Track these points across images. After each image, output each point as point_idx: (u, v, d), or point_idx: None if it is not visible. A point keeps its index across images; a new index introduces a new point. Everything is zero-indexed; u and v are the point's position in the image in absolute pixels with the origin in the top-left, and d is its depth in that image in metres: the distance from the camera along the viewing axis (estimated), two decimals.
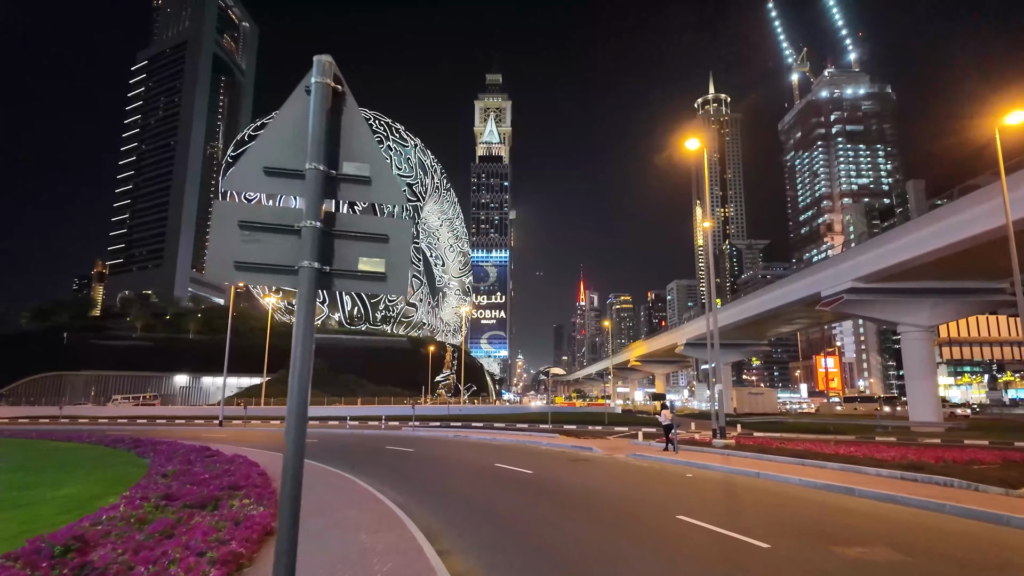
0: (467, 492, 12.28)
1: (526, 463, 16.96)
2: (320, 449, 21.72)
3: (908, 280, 33.04)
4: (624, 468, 16.26)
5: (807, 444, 19.73)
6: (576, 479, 13.89)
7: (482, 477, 14.49)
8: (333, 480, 12.66)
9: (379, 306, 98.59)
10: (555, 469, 15.80)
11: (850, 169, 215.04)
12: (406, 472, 15.52)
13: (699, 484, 13.24)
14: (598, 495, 11.84)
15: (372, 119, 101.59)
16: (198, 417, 47.63)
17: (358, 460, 18.01)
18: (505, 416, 46.51)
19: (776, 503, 10.95)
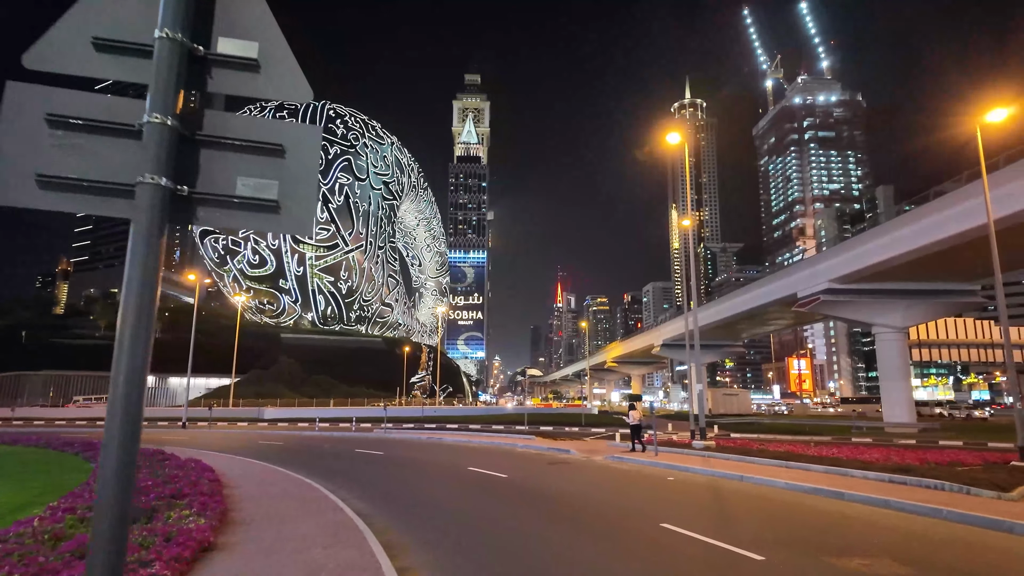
0: (437, 498, 11.43)
1: (501, 466, 16.18)
2: (284, 452, 20.68)
3: (882, 281, 33.12)
4: (603, 471, 15.60)
5: (787, 446, 19.35)
6: (554, 483, 13.24)
7: (454, 481, 13.66)
8: (292, 487, 11.71)
9: (353, 306, 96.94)
10: (532, 472, 15.06)
11: (822, 174, 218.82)
12: (372, 477, 14.58)
13: (682, 488, 12.67)
14: (578, 500, 11.11)
15: (348, 115, 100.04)
16: (162, 419, 45.89)
17: (323, 464, 17.02)
18: (481, 417, 45.68)
19: (765, 509, 10.37)
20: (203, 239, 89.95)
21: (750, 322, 51.33)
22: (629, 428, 21.39)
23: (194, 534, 6.41)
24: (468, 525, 8.86)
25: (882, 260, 30.19)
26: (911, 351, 54.86)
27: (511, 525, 8.91)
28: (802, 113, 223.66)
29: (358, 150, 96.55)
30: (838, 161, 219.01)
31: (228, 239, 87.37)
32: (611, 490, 12.47)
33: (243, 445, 23.81)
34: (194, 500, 8.11)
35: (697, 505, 10.83)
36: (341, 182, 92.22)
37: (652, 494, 11.98)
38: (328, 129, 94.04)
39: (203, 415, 48.45)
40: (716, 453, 18.03)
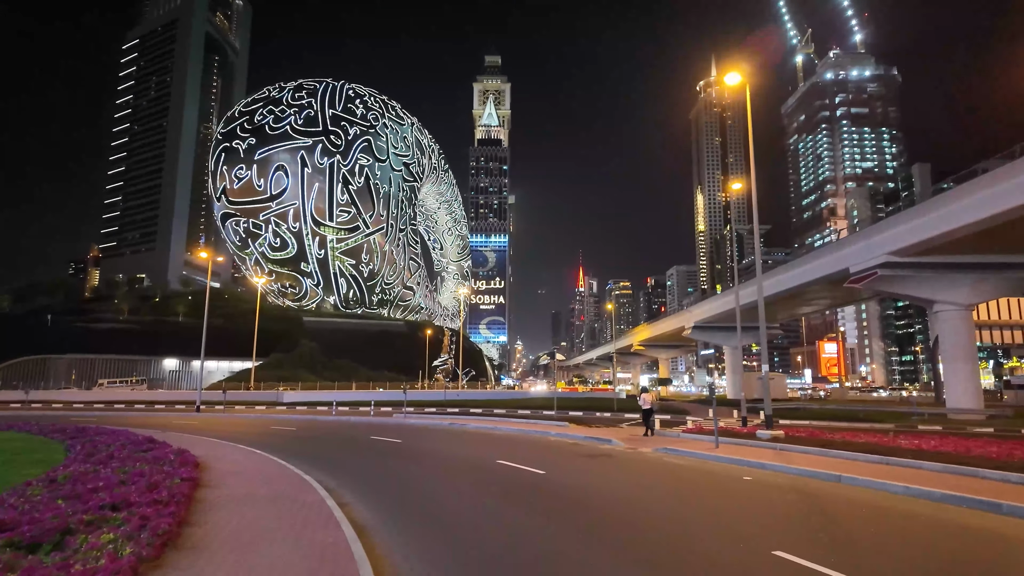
0: (464, 508, 9.06)
1: (535, 459, 13.93)
2: (293, 440, 18.79)
3: (948, 254, 29.96)
4: (658, 468, 13.09)
5: (863, 435, 16.61)
6: (602, 485, 10.84)
7: (482, 481, 11.42)
8: (286, 487, 9.58)
9: (375, 289, 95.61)
10: (572, 469, 12.79)
11: (854, 153, 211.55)
12: (385, 474, 12.49)
13: (769, 494, 10.01)
14: (642, 513, 8.54)
15: (367, 95, 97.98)
16: (180, 402, 44.82)
17: (331, 455, 14.99)
18: (505, 402, 43.69)
19: (902, 528, 7.75)
20: (224, 222, 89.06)
21: (790, 302, 48.21)
22: (642, 412, 20.86)
23: (106, 570, 4.35)
24: (503, 551, 6.58)
25: (955, 228, 26.85)
26: None
27: (558, 549, 6.58)
28: (834, 89, 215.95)
29: (378, 131, 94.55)
30: (871, 138, 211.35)
31: (249, 222, 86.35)
32: (679, 496, 10.06)
33: (252, 431, 22.09)
34: (136, 513, 6.02)
35: (800, 519, 8.19)
36: (361, 163, 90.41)
37: (735, 504, 9.37)
38: (347, 109, 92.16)
39: (220, 398, 47.33)
40: (790, 445, 15.38)
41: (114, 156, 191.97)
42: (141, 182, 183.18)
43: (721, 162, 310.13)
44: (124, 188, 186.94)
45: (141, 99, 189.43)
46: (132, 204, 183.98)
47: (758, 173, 19.95)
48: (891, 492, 10.02)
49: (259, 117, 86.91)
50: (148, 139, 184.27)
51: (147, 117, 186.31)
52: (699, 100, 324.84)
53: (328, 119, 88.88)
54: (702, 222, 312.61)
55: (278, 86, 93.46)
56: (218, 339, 78.66)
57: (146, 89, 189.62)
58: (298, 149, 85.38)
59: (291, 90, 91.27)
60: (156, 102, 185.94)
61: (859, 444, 14.38)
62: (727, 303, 56.84)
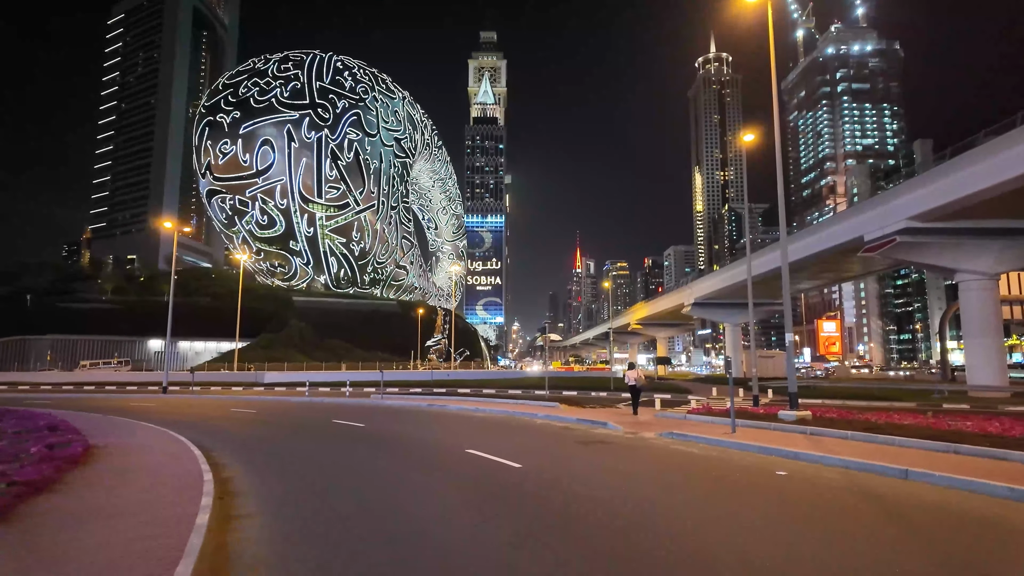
0: (409, 518, 6.30)
1: (514, 447, 11.87)
2: (240, 424, 16.75)
3: (972, 218, 27.82)
4: (665, 458, 10.67)
5: (899, 416, 14.28)
6: (598, 485, 8.09)
7: (436, 480, 8.61)
8: (159, 501, 6.88)
9: (367, 268, 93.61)
10: (558, 459, 10.40)
11: (855, 129, 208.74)
12: (323, 468, 9.58)
13: (828, 500, 7.26)
14: (666, 539, 5.59)
15: (356, 67, 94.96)
16: (153, 383, 42.98)
17: (273, 443, 12.80)
18: (496, 381, 41.97)
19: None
20: (210, 199, 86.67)
21: (797, 275, 46.27)
22: (629, 389, 19.12)
23: None
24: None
25: (998, 183, 24.24)
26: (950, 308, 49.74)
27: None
28: (834, 64, 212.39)
29: (367, 104, 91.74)
30: (872, 115, 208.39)
31: (236, 199, 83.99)
32: (703, 500, 7.21)
33: (203, 414, 20.27)
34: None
35: (884, 541, 5.67)
36: (350, 138, 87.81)
37: (782, 513, 6.55)
38: (335, 81, 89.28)
39: (203, 380, 45.64)
40: (822, 429, 12.95)
41: (102, 135, 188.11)
42: (130, 161, 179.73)
43: (720, 140, 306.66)
44: (113, 168, 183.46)
45: (128, 76, 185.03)
46: (121, 184, 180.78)
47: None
48: (994, 496, 7.56)
49: (244, 90, 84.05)
50: (136, 117, 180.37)
51: (135, 95, 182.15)
52: (698, 77, 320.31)
53: (315, 92, 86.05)
54: (700, 202, 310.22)
55: (263, 58, 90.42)
56: (206, 319, 77.10)
57: (133, 66, 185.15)
58: (284, 123, 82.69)
59: (277, 62, 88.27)
60: (143, 79, 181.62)
61: (909, 428, 11.96)
62: (731, 277, 55.00)
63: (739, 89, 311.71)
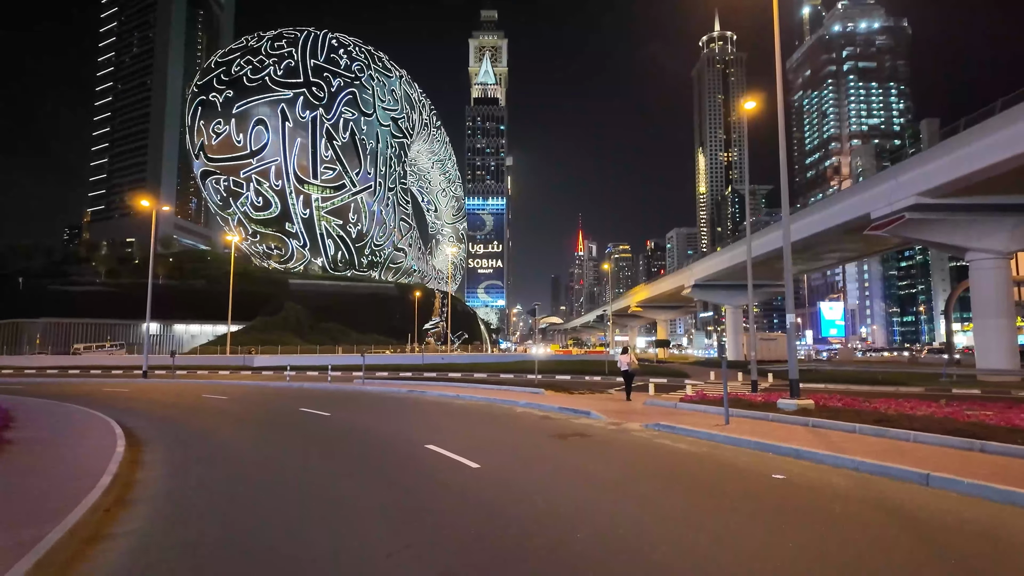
0: (300, 548, 4.85)
1: (480, 442, 10.66)
2: (204, 413, 15.63)
3: (986, 194, 26.50)
4: (648, 455, 9.35)
5: (909, 404, 12.82)
6: (562, 488, 6.94)
7: (375, 486, 7.20)
8: None
9: (364, 250, 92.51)
10: (526, 458, 9.10)
11: (860, 109, 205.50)
12: (245, 473, 8.15)
13: (829, 511, 5.99)
14: (625, 571, 4.36)
15: (352, 45, 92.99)
16: (138, 367, 42.18)
17: (223, 436, 11.65)
18: (490, 365, 41.05)
19: None
20: (204, 180, 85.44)
21: (800, 256, 45.09)
22: (622, 373, 18.38)
23: None
24: None
25: (1013, 155, 22.86)
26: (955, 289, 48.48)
27: None
28: (841, 42, 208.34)
29: (363, 83, 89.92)
30: (879, 94, 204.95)
31: (230, 180, 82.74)
32: (681, 518, 5.71)
33: (169, 401, 19.30)
34: None
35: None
36: (346, 117, 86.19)
37: (781, 535, 5.21)
38: (330, 59, 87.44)
39: (193, 363, 44.83)
40: (826, 420, 11.54)
41: (98, 117, 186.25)
42: (127, 143, 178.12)
43: (723, 121, 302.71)
44: (110, 150, 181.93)
45: (124, 56, 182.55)
46: (119, 166, 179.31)
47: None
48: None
49: (236, 68, 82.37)
50: (132, 98, 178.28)
51: (130, 75, 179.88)
52: (701, 56, 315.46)
53: (310, 69, 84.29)
54: (703, 183, 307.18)
55: (256, 35, 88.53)
56: (201, 302, 76.19)
57: (128, 46, 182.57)
58: (278, 102, 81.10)
59: (270, 39, 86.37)
60: (138, 59, 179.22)
61: (924, 419, 10.51)
62: (732, 258, 53.80)
63: (743, 68, 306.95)
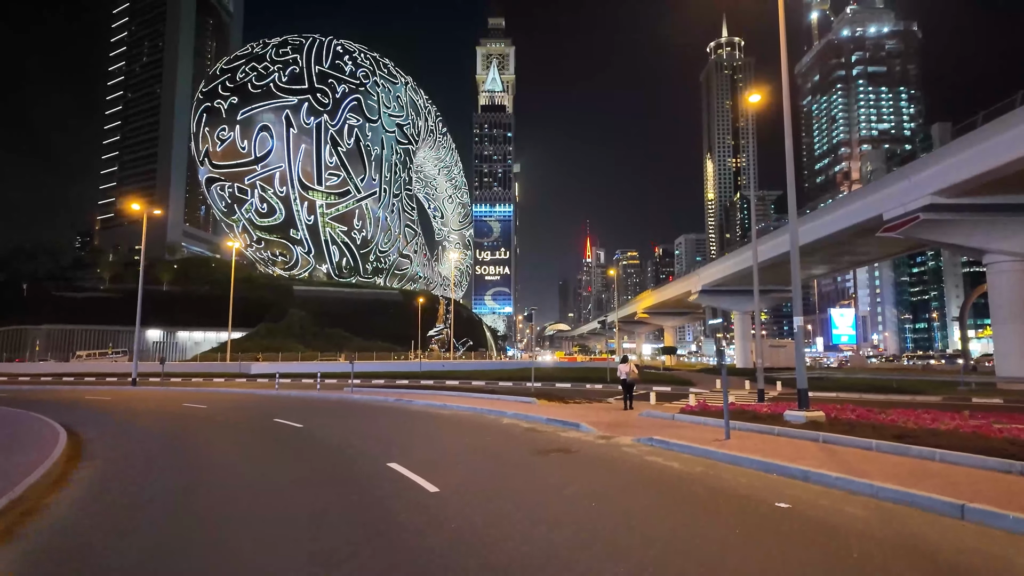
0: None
1: (450, 459, 9.62)
2: (174, 421, 15.15)
3: (1006, 192, 25.33)
4: (636, 480, 8.11)
5: (930, 415, 11.51)
6: (525, 521, 5.80)
7: (299, 520, 5.97)
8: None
9: (369, 257, 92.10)
10: (496, 478, 8.07)
11: (870, 113, 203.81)
12: (184, 495, 7.16)
13: (845, 555, 4.86)
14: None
15: (357, 52, 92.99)
16: (127, 374, 41.70)
17: (181, 450, 10.74)
18: (490, 372, 40.27)
19: None
20: (209, 187, 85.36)
21: (809, 259, 44.05)
22: (620, 382, 17.95)
23: None
24: None
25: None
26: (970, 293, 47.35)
27: None
28: (850, 47, 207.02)
29: (368, 89, 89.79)
30: (889, 98, 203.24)
31: (235, 186, 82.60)
32: (660, 564, 4.61)
33: (147, 408, 18.73)
34: None
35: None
36: (351, 123, 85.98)
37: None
38: (335, 66, 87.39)
39: (189, 371, 44.28)
40: (838, 436, 10.33)
41: (109, 125, 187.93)
42: (137, 150, 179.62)
43: (731, 126, 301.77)
44: (120, 157, 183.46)
45: (134, 65, 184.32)
46: (129, 173, 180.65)
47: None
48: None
49: (241, 75, 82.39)
50: (142, 106, 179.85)
51: (140, 83, 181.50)
52: (709, 62, 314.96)
53: (314, 76, 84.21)
54: (711, 190, 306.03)
55: (262, 42, 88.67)
56: (205, 309, 75.91)
57: (138, 54, 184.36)
58: (283, 108, 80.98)
59: (275, 46, 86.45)
60: (149, 67, 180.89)
61: (951, 435, 9.34)
62: (739, 262, 52.79)
63: (751, 73, 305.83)
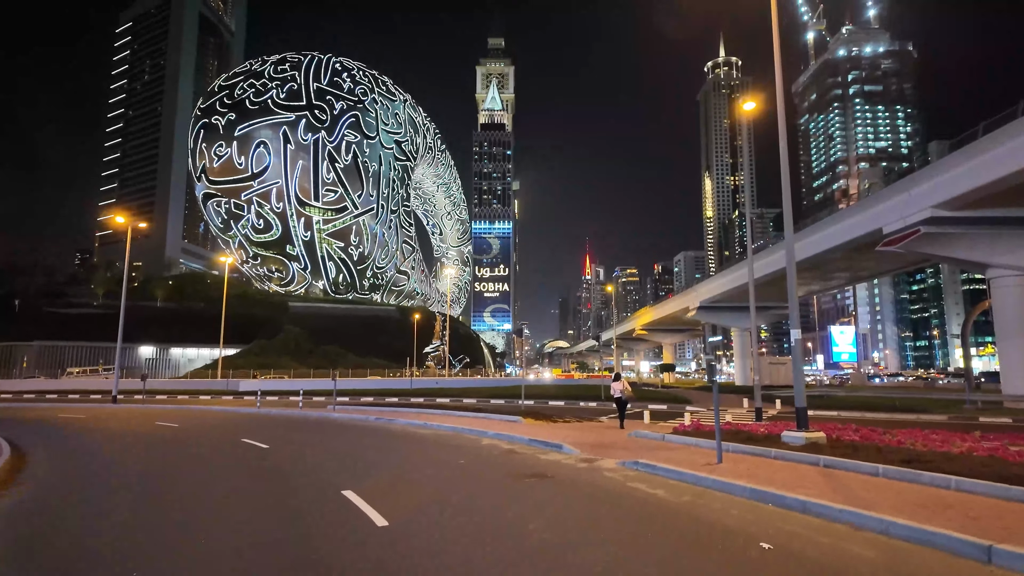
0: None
1: (414, 486, 8.72)
2: (135, 442, 14.55)
3: (1010, 205, 24.74)
4: (613, 511, 7.22)
5: (942, 437, 10.68)
6: (478, 567, 4.95)
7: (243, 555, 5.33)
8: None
9: (366, 273, 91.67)
10: (458, 510, 7.10)
11: (867, 132, 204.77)
12: (108, 519, 6.82)
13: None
14: None
15: (355, 69, 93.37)
16: (124, 391, 40.90)
17: (123, 477, 9.85)
18: (482, 390, 39.45)
19: None
20: (206, 203, 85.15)
21: (808, 275, 43.52)
22: (615, 400, 17.62)
23: None
24: None
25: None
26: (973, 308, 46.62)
27: None
28: (846, 66, 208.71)
29: (366, 106, 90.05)
30: (885, 117, 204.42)
31: (231, 202, 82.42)
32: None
33: (117, 428, 18.09)
34: None
35: None
36: (348, 140, 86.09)
37: None
38: (333, 83, 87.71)
39: (178, 388, 43.48)
40: (840, 460, 9.40)
41: (109, 142, 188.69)
42: (137, 167, 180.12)
43: (729, 145, 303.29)
44: (120, 174, 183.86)
45: (135, 83, 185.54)
46: (129, 190, 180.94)
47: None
48: None
49: (239, 91, 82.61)
50: (143, 124, 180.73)
51: (142, 101, 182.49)
52: (707, 81, 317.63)
53: (312, 93, 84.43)
54: (710, 207, 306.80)
55: (260, 59, 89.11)
56: (200, 325, 75.10)
57: (140, 73, 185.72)
58: (280, 124, 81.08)
59: (274, 63, 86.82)
60: (150, 85, 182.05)
61: (966, 459, 8.52)
62: (737, 278, 52.27)
63: (748, 92, 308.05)
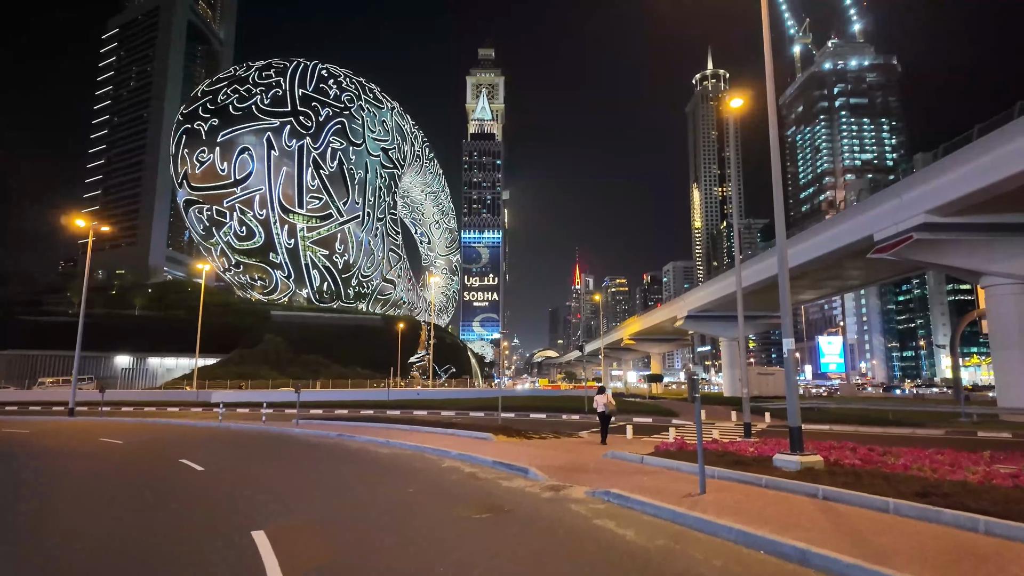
0: None
1: (338, 529, 7.18)
2: (48, 465, 13.34)
3: (1006, 210, 24.12)
4: (572, 564, 5.64)
5: (952, 459, 9.74)
6: None
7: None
8: None
9: (351, 282, 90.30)
10: (391, 567, 5.54)
11: (853, 144, 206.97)
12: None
13: None
14: None
15: (342, 76, 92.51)
16: (94, 402, 39.42)
17: (39, 487, 8.90)
18: (462, 401, 38.33)
19: None
20: (188, 210, 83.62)
21: (795, 283, 42.84)
22: (598, 415, 17.03)
23: None
24: None
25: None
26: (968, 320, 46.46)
27: None
28: (832, 79, 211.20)
29: (353, 113, 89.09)
30: (871, 129, 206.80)
31: (213, 209, 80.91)
32: None
33: (56, 443, 16.95)
34: None
35: None
36: (334, 147, 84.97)
37: None
38: (319, 89, 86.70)
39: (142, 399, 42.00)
40: (841, 491, 8.03)
41: (94, 149, 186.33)
42: (122, 174, 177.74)
43: (717, 156, 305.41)
44: (105, 181, 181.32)
45: (121, 90, 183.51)
46: (113, 197, 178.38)
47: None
48: None
49: (223, 97, 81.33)
50: (128, 131, 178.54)
51: (127, 108, 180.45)
52: (695, 93, 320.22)
53: (297, 99, 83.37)
54: (698, 218, 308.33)
55: (245, 65, 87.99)
56: (179, 334, 73.43)
57: (126, 80, 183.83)
58: (264, 131, 79.88)
59: (258, 69, 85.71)
60: (136, 92, 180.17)
61: (993, 493, 7.35)
62: (724, 287, 51.66)
63: (734, 91, 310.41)
